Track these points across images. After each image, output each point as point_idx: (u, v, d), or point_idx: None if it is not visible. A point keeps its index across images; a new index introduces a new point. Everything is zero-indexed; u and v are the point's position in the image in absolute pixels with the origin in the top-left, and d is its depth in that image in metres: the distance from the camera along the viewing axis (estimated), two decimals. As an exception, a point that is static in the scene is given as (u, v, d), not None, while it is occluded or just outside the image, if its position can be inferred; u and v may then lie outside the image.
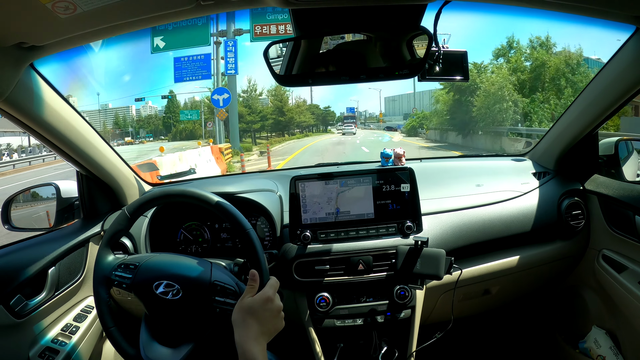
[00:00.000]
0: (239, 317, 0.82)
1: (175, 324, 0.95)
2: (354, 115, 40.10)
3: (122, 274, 0.95)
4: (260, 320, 0.82)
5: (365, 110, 48.22)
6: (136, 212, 1.01)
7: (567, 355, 1.63)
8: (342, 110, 39.33)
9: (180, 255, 1.02)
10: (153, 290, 0.92)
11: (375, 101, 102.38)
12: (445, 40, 1.05)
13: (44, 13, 0.72)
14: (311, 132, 33.95)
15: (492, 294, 1.53)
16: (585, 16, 0.93)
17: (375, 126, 40.76)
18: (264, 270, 0.92)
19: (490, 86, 16.49)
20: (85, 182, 1.41)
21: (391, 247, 1.30)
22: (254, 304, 0.83)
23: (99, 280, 0.95)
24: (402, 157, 1.57)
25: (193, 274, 0.95)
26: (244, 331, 0.80)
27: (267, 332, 0.83)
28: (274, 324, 0.85)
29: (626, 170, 1.46)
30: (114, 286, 0.96)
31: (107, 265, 0.97)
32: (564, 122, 1.50)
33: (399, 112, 46.06)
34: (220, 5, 0.80)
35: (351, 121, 35.46)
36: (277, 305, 0.86)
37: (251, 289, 0.86)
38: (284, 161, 14.73)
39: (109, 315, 0.94)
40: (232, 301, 0.91)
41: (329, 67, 1.01)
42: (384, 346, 1.30)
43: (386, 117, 44.16)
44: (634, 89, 1.18)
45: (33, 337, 1.15)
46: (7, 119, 1.01)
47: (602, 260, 1.43)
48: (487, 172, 1.66)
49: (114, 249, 1.01)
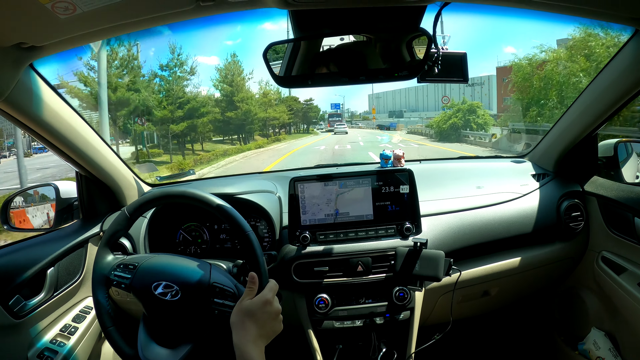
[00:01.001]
0: (237, 320, 0.82)
1: (174, 325, 0.95)
2: (340, 112, 35.93)
3: (121, 274, 0.95)
4: (259, 323, 0.82)
5: (347, 108, 43.82)
6: (136, 212, 1.01)
7: (566, 356, 1.63)
8: (325, 107, 35.43)
9: (179, 257, 1.02)
10: (152, 290, 0.92)
11: (359, 99, 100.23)
12: (444, 42, 1.05)
13: (43, 13, 0.72)
14: (289, 133, 26.38)
15: (491, 296, 1.53)
16: (586, 18, 0.93)
17: (365, 124, 37.67)
18: (263, 272, 0.92)
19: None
20: (85, 182, 1.41)
21: (390, 249, 1.30)
22: (253, 306, 0.83)
23: (98, 280, 0.95)
24: (401, 159, 1.57)
25: (192, 275, 0.95)
26: (242, 333, 0.80)
27: (266, 334, 0.83)
28: (272, 326, 0.84)
29: (625, 172, 1.45)
30: (112, 286, 0.96)
31: (106, 265, 0.97)
32: (563, 123, 1.50)
33: (383, 109, 44.74)
34: (220, 6, 0.80)
35: (338, 119, 31.92)
36: (276, 308, 0.86)
37: (250, 292, 0.86)
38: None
39: (107, 315, 0.94)
40: (231, 303, 0.91)
41: (328, 68, 1.01)
42: (383, 347, 1.30)
43: (370, 115, 43.06)
44: (633, 90, 1.18)
45: (31, 338, 1.14)
46: (6, 119, 1.01)
47: (602, 262, 1.43)
48: (487, 174, 1.66)
49: (113, 249, 1.01)
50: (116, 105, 14.19)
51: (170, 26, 0.95)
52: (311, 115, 30.65)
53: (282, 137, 24.44)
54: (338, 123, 29.54)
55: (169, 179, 1.98)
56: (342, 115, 35.60)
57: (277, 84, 0.98)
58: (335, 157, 14.31)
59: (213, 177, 2.31)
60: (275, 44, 0.95)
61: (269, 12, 0.87)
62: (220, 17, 0.84)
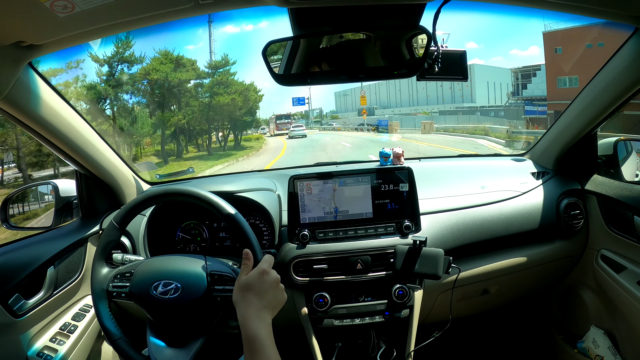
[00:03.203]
0: (238, 296, 0.82)
1: (180, 323, 0.95)
2: (289, 114, 30.06)
3: (119, 284, 0.95)
4: (260, 294, 0.81)
5: (311, 108, 37.54)
6: (124, 220, 1.01)
7: (565, 355, 1.63)
8: (278, 101, 30.65)
9: (173, 255, 1.02)
10: (153, 292, 0.92)
11: (323, 98, 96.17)
12: (444, 40, 1.05)
13: (42, 12, 0.72)
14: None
15: (491, 294, 1.53)
16: (585, 16, 0.93)
17: (342, 124, 29.77)
18: (256, 248, 0.92)
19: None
20: (84, 181, 1.41)
21: (390, 247, 1.30)
22: (250, 279, 0.83)
23: (98, 294, 0.95)
24: (400, 157, 1.57)
25: (189, 268, 0.95)
26: (245, 308, 0.79)
27: (270, 305, 0.82)
28: (275, 296, 0.83)
29: (625, 171, 1.46)
30: (113, 298, 0.95)
31: (103, 278, 0.96)
32: (563, 121, 1.50)
33: (351, 107, 43.21)
34: (219, 4, 0.80)
35: (287, 121, 26.42)
36: (274, 277, 0.85)
37: (246, 268, 0.86)
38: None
39: (114, 327, 0.93)
40: (231, 287, 0.91)
41: (327, 66, 1.01)
42: (382, 346, 1.31)
43: (342, 113, 40.58)
44: (633, 88, 1.18)
45: (31, 336, 1.15)
46: (6, 117, 1.01)
47: (601, 260, 1.43)
48: (487, 172, 1.66)
49: (107, 260, 1.00)
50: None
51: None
52: (244, 120, 18.90)
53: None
54: (295, 125, 24.62)
55: (168, 177, 1.98)
56: (292, 117, 30.27)
57: (276, 82, 0.98)
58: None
59: (212, 175, 2.31)
60: (275, 42, 0.95)
61: (267, 10, 0.87)
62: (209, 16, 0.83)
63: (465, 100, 30.93)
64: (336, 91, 46.76)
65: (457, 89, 31.07)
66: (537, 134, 11.94)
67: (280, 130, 24.99)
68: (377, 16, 0.93)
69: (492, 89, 32.29)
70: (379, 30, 0.97)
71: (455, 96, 33.42)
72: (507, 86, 31.55)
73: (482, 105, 28.76)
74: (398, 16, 0.93)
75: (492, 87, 32.19)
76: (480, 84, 31.78)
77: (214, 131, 18.14)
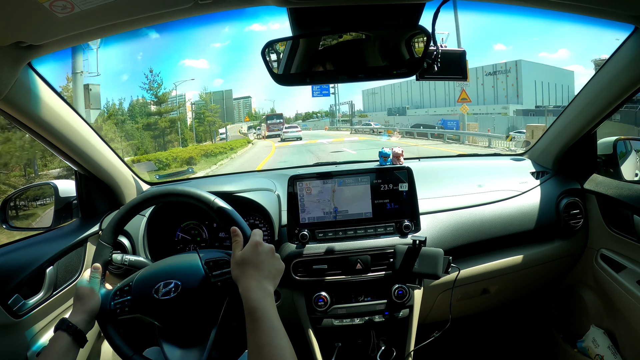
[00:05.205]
0: (237, 272, 0.83)
1: (189, 320, 0.93)
2: (281, 114, 27.39)
3: (120, 299, 0.93)
4: (257, 265, 0.82)
5: (331, 104, 34.43)
6: (113, 236, 0.99)
7: (565, 354, 1.63)
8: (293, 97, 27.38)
9: (166, 258, 1.01)
10: (155, 295, 0.91)
11: (352, 95, 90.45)
12: (443, 40, 1.05)
13: (41, 12, 0.72)
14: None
15: (491, 294, 1.53)
16: (585, 15, 0.93)
17: (382, 123, 26.45)
18: (243, 225, 0.92)
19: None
20: (84, 181, 1.41)
21: (389, 247, 1.30)
22: (245, 253, 0.84)
23: (101, 315, 0.93)
24: (400, 157, 1.57)
25: (184, 264, 0.95)
26: (245, 282, 0.80)
27: (269, 275, 0.83)
28: (272, 265, 0.85)
29: (624, 170, 1.46)
30: (117, 315, 0.93)
31: (104, 298, 0.94)
32: (562, 121, 1.50)
33: (380, 106, 40.62)
34: (218, 4, 0.80)
35: (279, 120, 24.26)
36: (268, 247, 0.86)
37: (237, 244, 0.86)
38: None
39: (125, 345, 0.91)
40: (228, 269, 0.90)
41: (327, 66, 1.01)
42: (382, 345, 1.31)
43: (366, 112, 37.98)
44: (632, 88, 1.18)
45: (31, 337, 1.14)
46: (5, 118, 1.01)
47: (601, 259, 1.43)
48: (486, 172, 1.66)
49: (103, 277, 0.98)
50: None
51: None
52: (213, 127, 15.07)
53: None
54: (288, 126, 22.15)
55: (168, 177, 1.98)
56: (283, 116, 27.71)
57: (276, 81, 0.98)
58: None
59: (212, 175, 2.31)
60: (275, 42, 0.95)
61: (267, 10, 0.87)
62: (214, 16, 0.84)
63: (510, 100, 28.28)
64: (364, 89, 44.09)
65: (501, 88, 28.17)
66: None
67: (271, 132, 22.66)
68: (376, 16, 0.93)
69: (539, 89, 29.38)
70: (378, 30, 0.97)
71: (499, 96, 29.67)
72: (562, 87, 29.85)
73: (541, 105, 25.78)
74: (397, 16, 0.93)
75: (540, 86, 29.31)
76: (528, 83, 28.68)
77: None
